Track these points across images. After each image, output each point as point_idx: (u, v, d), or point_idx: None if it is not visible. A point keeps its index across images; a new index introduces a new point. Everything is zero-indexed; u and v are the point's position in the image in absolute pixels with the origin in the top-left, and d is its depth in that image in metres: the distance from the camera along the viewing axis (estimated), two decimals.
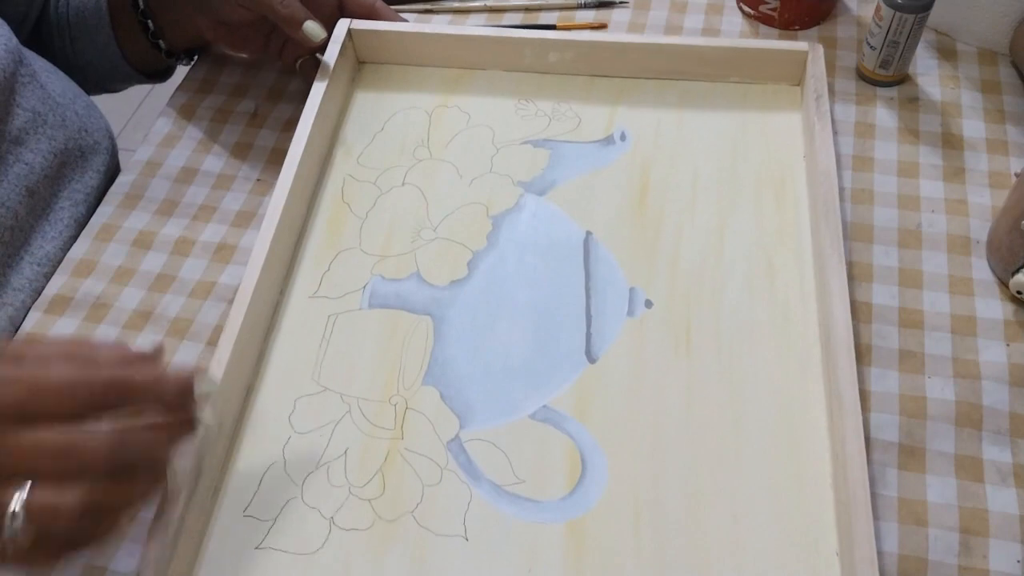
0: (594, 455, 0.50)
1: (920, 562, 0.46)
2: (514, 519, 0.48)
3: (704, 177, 0.61)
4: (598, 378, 0.53)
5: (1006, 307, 0.55)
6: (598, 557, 0.47)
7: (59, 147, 0.65)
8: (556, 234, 0.59)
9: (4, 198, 0.60)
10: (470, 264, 0.58)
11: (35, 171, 0.63)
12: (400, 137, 0.65)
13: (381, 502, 0.49)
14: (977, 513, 0.47)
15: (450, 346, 0.55)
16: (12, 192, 0.61)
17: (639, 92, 0.66)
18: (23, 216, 0.62)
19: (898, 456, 0.49)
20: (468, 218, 0.60)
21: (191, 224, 0.63)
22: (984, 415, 0.51)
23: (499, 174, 0.63)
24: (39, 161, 0.63)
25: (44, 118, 0.64)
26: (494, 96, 0.67)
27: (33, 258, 0.62)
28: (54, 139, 0.65)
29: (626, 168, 0.62)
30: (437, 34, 0.67)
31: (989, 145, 0.63)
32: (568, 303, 0.56)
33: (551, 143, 0.64)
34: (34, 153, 0.63)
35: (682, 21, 0.73)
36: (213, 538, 0.48)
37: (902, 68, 0.65)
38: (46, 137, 0.64)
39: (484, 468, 0.50)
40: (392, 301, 0.57)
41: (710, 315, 0.55)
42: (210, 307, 0.58)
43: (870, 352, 0.53)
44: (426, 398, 0.53)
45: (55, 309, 0.59)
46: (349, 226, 0.61)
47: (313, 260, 0.59)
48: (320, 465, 0.50)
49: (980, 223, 0.59)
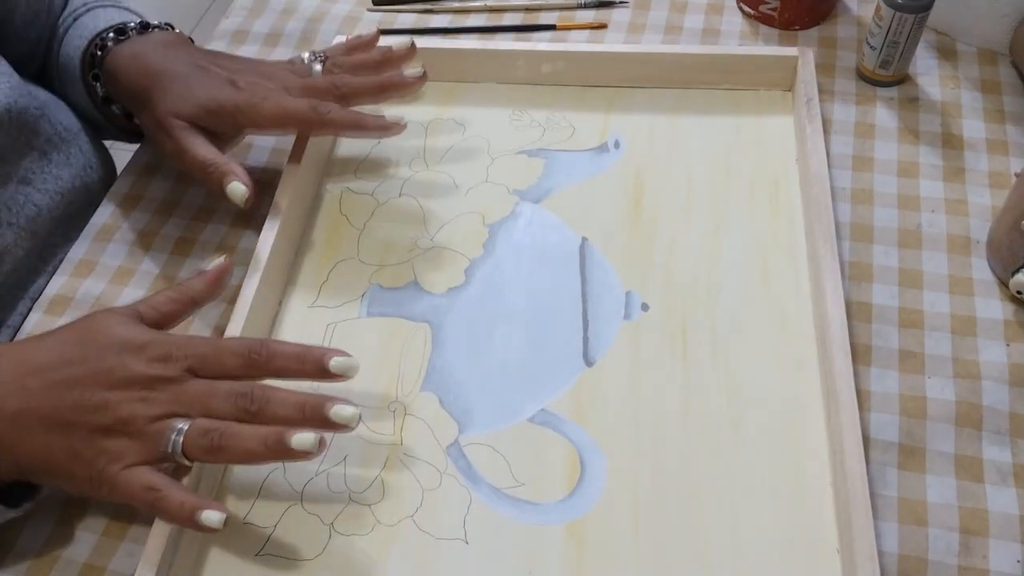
0: (593, 457, 0.50)
1: (920, 562, 0.46)
2: (514, 522, 0.49)
3: (698, 182, 0.62)
4: (596, 381, 0.53)
5: (1006, 307, 0.55)
6: (598, 558, 0.47)
7: (65, 186, 0.65)
8: (552, 241, 0.60)
9: (11, 245, 0.60)
10: (467, 272, 0.59)
11: (42, 214, 0.63)
12: (397, 149, 0.66)
13: (381, 507, 0.50)
14: (977, 513, 0.47)
15: (448, 352, 0.55)
16: (19, 237, 0.61)
17: (632, 100, 0.67)
18: (20, 257, 0.62)
19: (898, 456, 0.49)
20: (465, 227, 0.61)
21: (191, 224, 0.64)
22: (984, 415, 0.50)
23: (495, 183, 0.63)
24: (46, 203, 0.63)
25: (50, 158, 0.64)
26: (489, 107, 0.68)
27: (27, 295, 0.62)
28: (60, 178, 0.65)
29: (620, 175, 0.63)
30: (432, 49, 0.68)
31: (989, 145, 0.62)
32: (565, 308, 0.56)
33: (546, 152, 0.65)
34: (41, 194, 0.63)
35: (682, 21, 0.73)
36: (213, 545, 0.49)
37: (902, 68, 0.65)
38: (52, 177, 0.64)
39: (483, 472, 0.50)
40: (390, 309, 0.57)
41: (706, 317, 0.55)
42: (210, 307, 0.58)
43: (870, 352, 0.53)
44: (425, 404, 0.53)
45: (55, 309, 0.60)
46: (347, 237, 0.61)
47: (312, 271, 0.60)
48: (319, 472, 0.51)
49: (980, 223, 0.59)
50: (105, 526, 0.50)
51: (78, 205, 0.66)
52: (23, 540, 0.50)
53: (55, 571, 0.49)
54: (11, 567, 0.49)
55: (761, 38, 0.71)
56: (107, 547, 0.49)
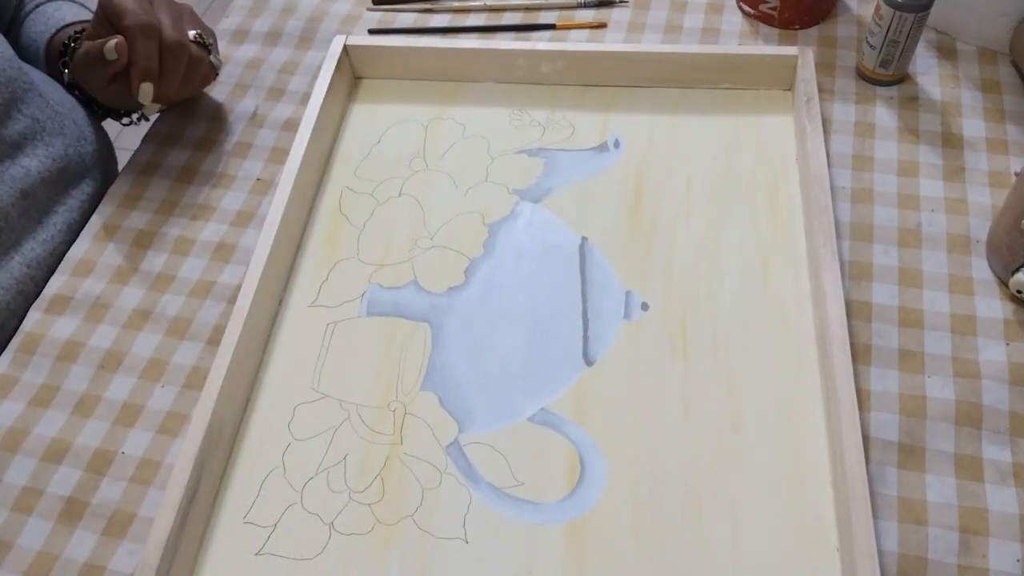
0: (593, 456, 0.50)
1: (920, 561, 0.46)
2: (514, 521, 0.49)
3: (698, 181, 0.62)
4: (596, 381, 0.53)
5: (1006, 306, 0.55)
6: (598, 557, 0.47)
7: (58, 153, 0.66)
8: (552, 240, 0.60)
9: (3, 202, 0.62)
10: (467, 271, 0.59)
11: (31, 175, 0.64)
12: (397, 149, 0.66)
13: (381, 506, 0.50)
14: (977, 512, 0.47)
15: (448, 352, 0.55)
16: (6, 193, 0.62)
17: (632, 100, 0.67)
18: (15, 218, 0.63)
19: (898, 455, 0.49)
20: (465, 226, 0.61)
21: (191, 223, 0.64)
22: (984, 414, 0.50)
23: (495, 183, 0.63)
24: (36, 165, 0.64)
25: (43, 125, 0.66)
26: (489, 107, 0.68)
27: (23, 259, 0.63)
28: (52, 145, 0.66)
29: (620, 174, 0.63)
30: (432, 48, 0.68)
31: (989, 144, 0.62)
32: (565, 307, 0.56)
33: (546, 152, 0.65)
34: (31, 158, 0.64)
35: (682, 20, 0.73)
36: (213, 545, 0.49)
37: (902, 67, 0.65)
38: (44, 144, 0.66)
39: (483, 471, 0.50)
40: (390, 309, 0.57)
41: (706, 317, 0.55)
42: (210, 306, 0.59)
43: (870, 351, 0.53)
44: (425, 403, 0.53)
45: (55, 308, 0.60)
46: (347, 237, 0.61)
47: (311, 270, 0.60)
48: (320, 471, 0.51)
49: (980, 222, 0.58)
50: (105, 526, 0.50)
51: (72, 172, 0.68)
52: (23, 540, 0.50)
53: (55, 571, 0.49)
54: (11, 567, 0.49)
55: (761, 37, 0.71)
56: (107, 547, 0.49)
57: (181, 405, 0.55)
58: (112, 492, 0.51)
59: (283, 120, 0.70)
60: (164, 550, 0.45)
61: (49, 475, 0.52)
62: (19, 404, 0.55)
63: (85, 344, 0.58)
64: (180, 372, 0.56)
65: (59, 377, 0.56)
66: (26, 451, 0.53)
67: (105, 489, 0.51)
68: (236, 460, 0.52)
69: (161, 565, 0.45)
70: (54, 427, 0.54)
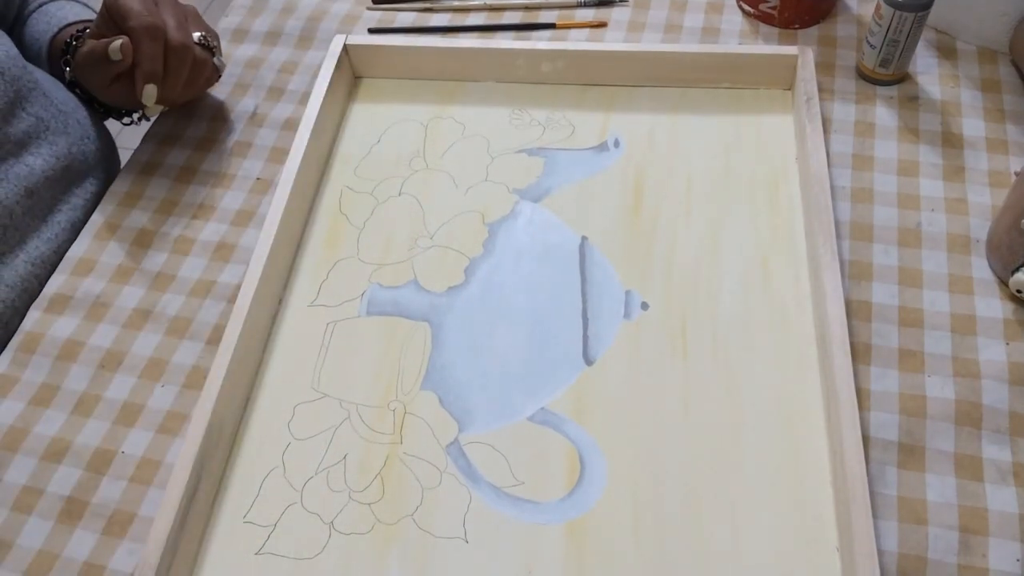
0: (593, 456, 0.50)
1: (920, 560, 0.46)
2: (514, 520, 0.49)
3: (698, 181, 0.62)
4: (596, 380, 0.53)
5: (1006, 306, 0.55)
6: (598, 557, 0.47)
7: (62, 152, 0.67)
8: (552, 240, 0.60)
9: (2, 197, 0.62)
10: (467, 271, 0.59)
11: (35, 173, 0.64)
12: (397, 148, 0.66)
13: (381, 506, 0.50)
14: (977, 512, 0.47)
15: (448, 351, 0.55)
16: (10, 191, 0.62)
17: (632, 99, 0.67)
18: (20, 216, 0.63)
19: (898, 455, 0.49)
20: (464, 226, 0.61)
21: (191, 223, 0.64)
22: (984, 414, 0.50)
23: (495, 182, 0.63)
24: (40, 164, 0.65)
25: (47, 124, 0.66)
26: (489, 106, 0.68)
27: (28, 257, 0.63)
28: (56, 144, 0.66)
29: (620, 174, 0.63)
30: (432, 48, 0.68)
31: (989, 144, 0.62)
32: (565, 307, 0.56)
33: (546, 151, 0.65)
34: (35, 157, 0.65)
35: (682, 20, 0.73)
36: (213, 544, 0.49)
37: (902, 67, 0.65)
38: (48, 143, 0.66)
39: (483, 471, 0.50)
40: (390, 308, 0.57)
41: (706, 316, 0.55)
42: (210, 306, 0.59)
43: (870, 351, 0.53)
44: (425, 403, 0.53)
45: (55, 308, 0.60)
46: (347, 236, 0.61)
47: (311, 270, 0.60)
48: (320, 471, 0.51)
49: (980, 222, 0.59)
50: (105, 525, 0.50)
51: (76, 171, 0.68)
52: (23, 539, 0.50)
53: (55, 571, 0.49)
54: (11, 566, 0.49)
55: (761, 37, 0.71)
56: (107, 546, 0.49)
57: (181, 405, 0.55)
58: (112, 492, 0.51)
59: (283, 120, 0.70)
60: (164, 550, 0.45)
61: (49, 474, 0.52)
62: (19, 403, 0.55)
63: (85, 343, 0.58)
64: (180, 372, 0.56)
65: (59, 376, 0.56)
66: (26, 450, 0.53)
67: (105, 489, 0.51)
68: (236, 460, 0.52)
69: (161, 565, 0.45)
70: (54, 426, 0.54)
